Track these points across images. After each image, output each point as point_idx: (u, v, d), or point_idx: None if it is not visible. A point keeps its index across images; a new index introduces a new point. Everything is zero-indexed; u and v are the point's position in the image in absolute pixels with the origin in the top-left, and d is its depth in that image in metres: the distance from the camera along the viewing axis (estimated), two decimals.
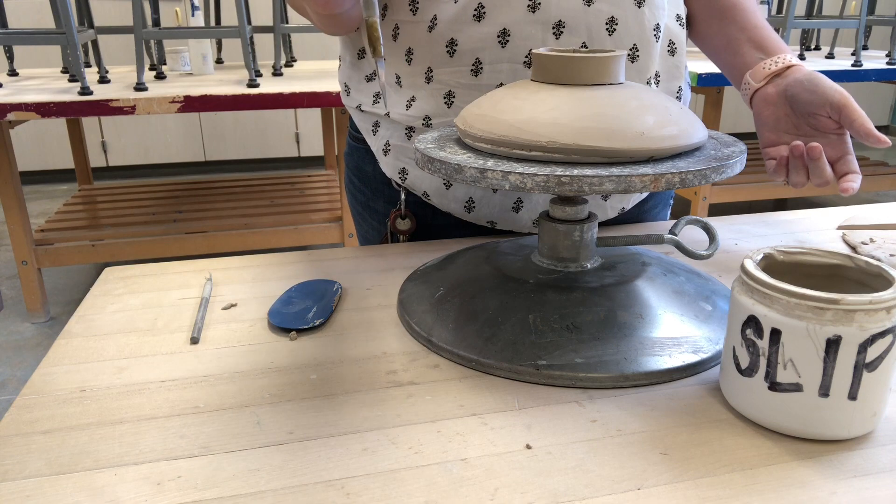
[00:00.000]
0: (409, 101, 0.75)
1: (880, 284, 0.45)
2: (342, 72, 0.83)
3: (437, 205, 0.80)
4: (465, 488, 0.41)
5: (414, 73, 0.73)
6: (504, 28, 0.67)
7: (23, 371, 2.07)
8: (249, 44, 2.23)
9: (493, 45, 0.68)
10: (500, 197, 0.77)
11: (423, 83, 0.72)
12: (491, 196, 0.77)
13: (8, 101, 1.97)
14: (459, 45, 0.69)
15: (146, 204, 2.69)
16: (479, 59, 0.69)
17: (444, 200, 0.79)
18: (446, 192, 0.78)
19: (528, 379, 0.51)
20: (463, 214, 0.79)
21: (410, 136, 0.76)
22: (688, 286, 0.59)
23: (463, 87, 0.70)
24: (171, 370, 0.54)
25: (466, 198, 0.78)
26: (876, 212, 0.89)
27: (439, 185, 0.78)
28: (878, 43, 4.40)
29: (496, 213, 0.78)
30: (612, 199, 0.80)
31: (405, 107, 0.75)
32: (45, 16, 3.51)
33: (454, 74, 0.70)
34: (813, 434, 0.44)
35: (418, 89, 0.73)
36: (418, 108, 0.74)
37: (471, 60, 0.69)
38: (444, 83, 0.71)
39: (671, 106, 0.54)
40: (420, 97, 0.73)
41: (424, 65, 0.71)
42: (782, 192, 2.97)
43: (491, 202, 0.78)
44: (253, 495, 0.41)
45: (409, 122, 0.75)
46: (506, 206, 0.78)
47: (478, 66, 0.69)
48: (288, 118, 4.10)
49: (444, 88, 0.71)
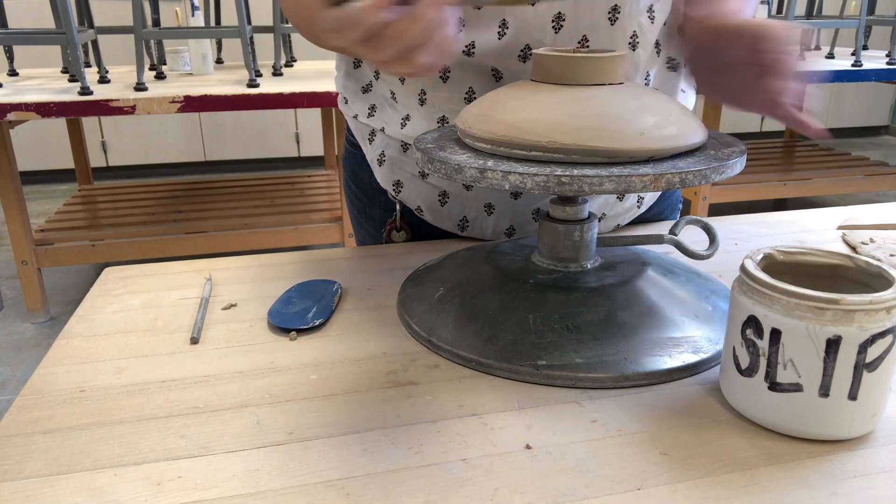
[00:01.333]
0: (403, 119, 0.74)
1: (880, 284, 0.45)
2: (339, 81, 0.82)
3: (430, 221, 0.79)
4: (465, 488, 0.41)
5: (408, 94, 0.72)
6: (495, 68, 0.67)
7: (23, 371, 2.07)
8: (249, 44, 2.23)
9: (487, 79, 0.68)
10: (493, 220, 0.77)
11: (416, 104, 0.72)
12: (485, 218, 0.76)
13: (8, 101, 1.97)
14: (452, 73, 0.68)
15: (146, 204, 2.69)
16: (471, 87, 0.68)
17: (437, 217, 0.78)
18: (440, 208, 0.77)
19: (528, 379, 0.51)
20: (457, 231, 0.79)
21: (406, 150, 0.76)
22: (688, 286, 0.59)
23: (456, 114, 0.69)
24: (171, 370, 0.54)
25: (460, 216, 0.77)
26: (876, 212, 0.89)
27: (433, 201, 0.77)
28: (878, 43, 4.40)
29: (489, 235, 0.78)
30: (605, 219, 0.79)
31: (400, 125, 0.74)
32: (45, 16, 3.50)
33: (447, 100, 0.70)
34: (813, 434, 0.44)
35: (412, 109, 0.73)
36: (413, 128, 0.73)
37: (464, 89, 0.69)
38: (437, 107, 0.71)
39: (671, 106, 0.54)
40: (415, 117, 0.73)
41: (417, 86, 0.71)
42: (782, 191, 2.97)
43: (484, 224, 0.77)
44: (253, 495, 0.41)
45: (404, 139, 0.75)
46: (499, 229, 0.77)
47: (471, 95, 0.69)
48: (288, 118, 4.10)
49: (438, 112, 0.71)
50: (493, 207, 0.75)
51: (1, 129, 2.12)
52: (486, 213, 0.76)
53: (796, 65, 0.56)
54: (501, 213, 0.76)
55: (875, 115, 4.91)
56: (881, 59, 2.91)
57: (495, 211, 0.76)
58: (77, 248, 2.31)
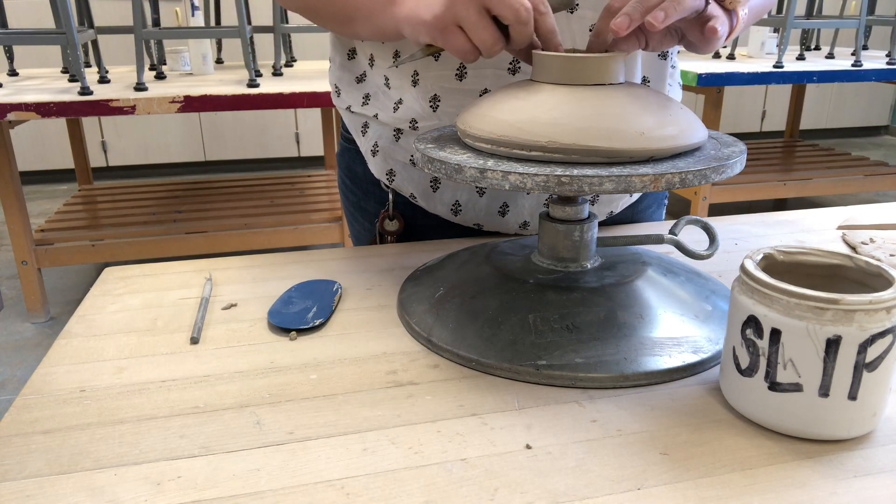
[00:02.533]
0: (396, 103, 0.75)
1: (880, 284, 0.45)
2: (332, 73, 0.83)
3: (423, 207, 0.80)
4: (465, 488, 0.41)
5: (401, 76, 0.73)
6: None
7: (23, 371, 2.07)
8: (249, 44, 2.23)
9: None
10: (486, 201, 0.77)
11: (409, 86, 0.72)
12: (477, 200, 0.77)
13: (8, 101, 1.97)
14: (443, 52, 0.68)
15: (146, 204, 2.69)
16: (463, 63, 0.69)
17: (430, 203, 0.79)
18: (433, 194, 0.78)
19: (528, 379, 0.51)
20: (449, 217, 0.80)
21: (398, 139, 0.76)
22: (688, 286, 0.59)
23: (447, 91, 0.70)
24: (171, 370, 0.54)
25: (453, 201, 0.78)
26: (876, 212, 0.89)
27: (426, 187, 0.78)
28: (878, 43, 4.40)
29: (482, 217, 0.79)
30: (599, 203, 0.80)
31: (393, 109, 0.75)
32: (45, 16, 3.50)
33: (439, 79, 0.70)
34: (813, 434, 0.44)
35: (405, 92, 0.73)
36: (405, 111, 0.74)
37: (455, 65, 0.69)
38: (429, 87, 0.71)
39: (671, 106, 0.54)
40: (407, 100, 0.73)
41: (410, 68, 0.71)
42: (782, 191, 2.97)
43: (477, 206, 0.78)
44: (253, 495, 0.41)
45: (397, 124, 0.75)
46: (492, 209, 0.78)
47: (462, 71, 0.69)
48: (288, 118, 4.10)
49: (430, 92, 0.71)
50: (484, 188, 0.76)
51: (1, 129, 2.12)
52: (477, 194, 0.77)
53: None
54: (493, 192, 0.76)
55: (875, 115, 4.91)
56: (881, 59, 2.91)
57: (487, 191, 0.76)
58: (77, 248, 2.31)
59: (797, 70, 2.58)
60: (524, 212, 0.77)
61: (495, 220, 0.78)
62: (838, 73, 2.60)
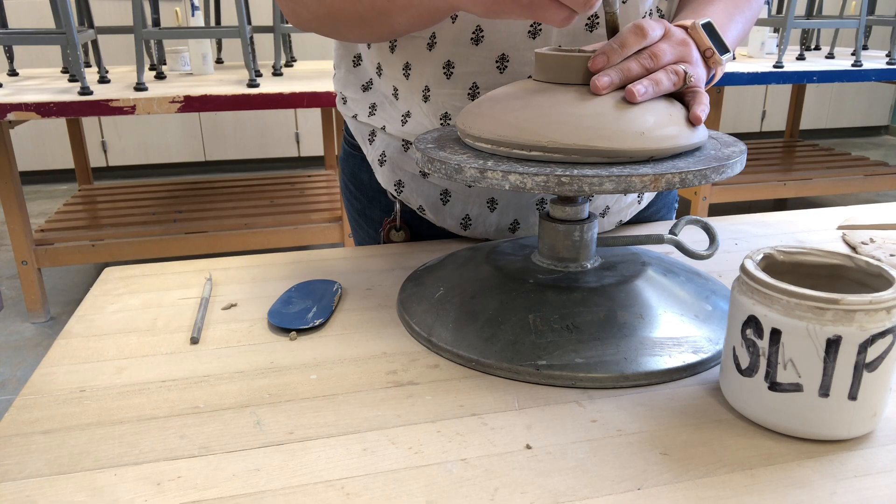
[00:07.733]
0: (404, 115, 0.74)
1: (880, 284, 0.45)
2: (337, 80, 0.82)
3: (432, 220, 0.79)
4: (465, 488, 0.41)
5: (412, 90, 0.71)
6: (503, 53, 0.66)
7: (23, 371, 2.07)
8: (249, 44, 2.23)
9: (490, 70, 0.67)
10: (496, 217, 0.76)
11: (419, 101, 0.71)
12: (488, 215, 0.76)
13: (8, 101, 1.97)
14: (456, 68, 0.67)
15: (146, 204, 2.69)
16: (475, 83, 0.68)
17: (439, 216, 0.78)
18: (442, 207, 0.77)
19: (528, 379, 0.51)
20: (458, 231, 0.79)
21: (407, 149, 0.75)
22: (688, 286, 0.59)
23: (458, 111, 0.69)
24: (171, 370, 0.54)
25: (463, 214, 0.77)
26: (876, 212, 0.89)
27: (436, 200, 0.77)
28: (878, 43, 4.40)
29: (492, 233, 0.78)
30: (609, 214, 0.79)
31: (401, 122, 0.74)
32: (45, 16, 3.51)
33: (450, 97, 0.69)
34: (813, 434, 0.44)
35: (414, 106, 0.72)
36: (414, 126, 0.73)
37: (468, 84, 0.68)
38: (440, 104, 0.70)
39: (671, 106, 0.54)
40: (416, 114, 0.72)
41: (422, 82, 0.70)
42: (782, 192, 2.97)
43: (487, 221, 0.77)
44: (253, 495, 0.41)
45: (405, 136, 0.74)
46: (502, 225, 0.77)
47: (475, 91, 0.68)
48: (288, 118, 4.10)
49: (441, 110, 0.70)
50: (496, 203, 0.75)
51: (1, 129, 2.12)
52: (489, 209, 0.76)
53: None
54: (504, 209, 0.76)
55: (875, 115, 4.91)
56: (881, 59, 2.91)
57: (498, 206, 0.75)
58: (77, 248, 2.31)
59: (797, 70, 2.58)
60: (534, 229, 0.77)
61: (505, 236, 0.77)
62: (838, 73, 2.60)
